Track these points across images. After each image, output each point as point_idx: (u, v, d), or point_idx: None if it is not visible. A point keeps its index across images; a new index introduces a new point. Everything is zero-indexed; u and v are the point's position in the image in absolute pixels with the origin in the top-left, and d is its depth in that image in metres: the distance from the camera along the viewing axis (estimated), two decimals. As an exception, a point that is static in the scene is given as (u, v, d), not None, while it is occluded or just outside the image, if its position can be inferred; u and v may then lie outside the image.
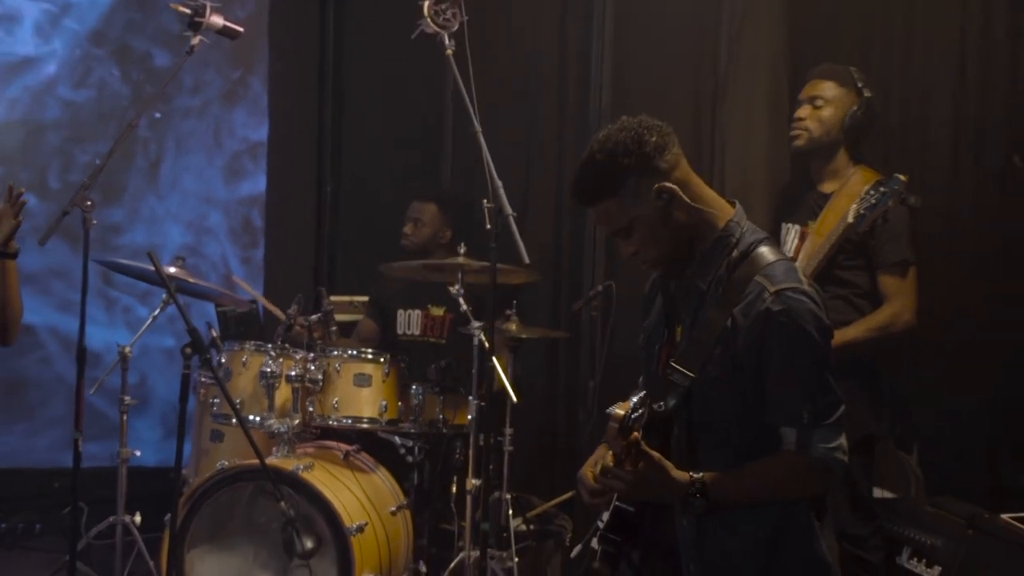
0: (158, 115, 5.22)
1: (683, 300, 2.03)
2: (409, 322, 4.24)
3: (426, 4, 3.37)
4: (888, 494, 3.59)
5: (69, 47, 5.14)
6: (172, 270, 3.68)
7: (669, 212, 1.93)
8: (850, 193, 3.16)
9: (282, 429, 3.45)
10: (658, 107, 3.95)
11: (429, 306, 4.13)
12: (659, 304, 2.11)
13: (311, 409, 3.56)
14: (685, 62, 4.02)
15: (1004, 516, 3.01)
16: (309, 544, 3.25)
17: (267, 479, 3.16)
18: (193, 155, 5.38)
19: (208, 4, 3.46)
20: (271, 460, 3.30)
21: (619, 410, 1.97)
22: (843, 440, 1.90)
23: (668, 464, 1.84)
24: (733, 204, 2.03)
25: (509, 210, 3.20)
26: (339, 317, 4.21)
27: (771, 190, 3.67)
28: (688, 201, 1.93)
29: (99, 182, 3.96)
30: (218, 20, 3.48)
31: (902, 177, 2.97)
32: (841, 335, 2.92)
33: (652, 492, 1.88)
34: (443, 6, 3.40)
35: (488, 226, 3.22)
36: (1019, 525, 2.96)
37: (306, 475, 3.27)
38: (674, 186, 1.91)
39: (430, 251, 4.18)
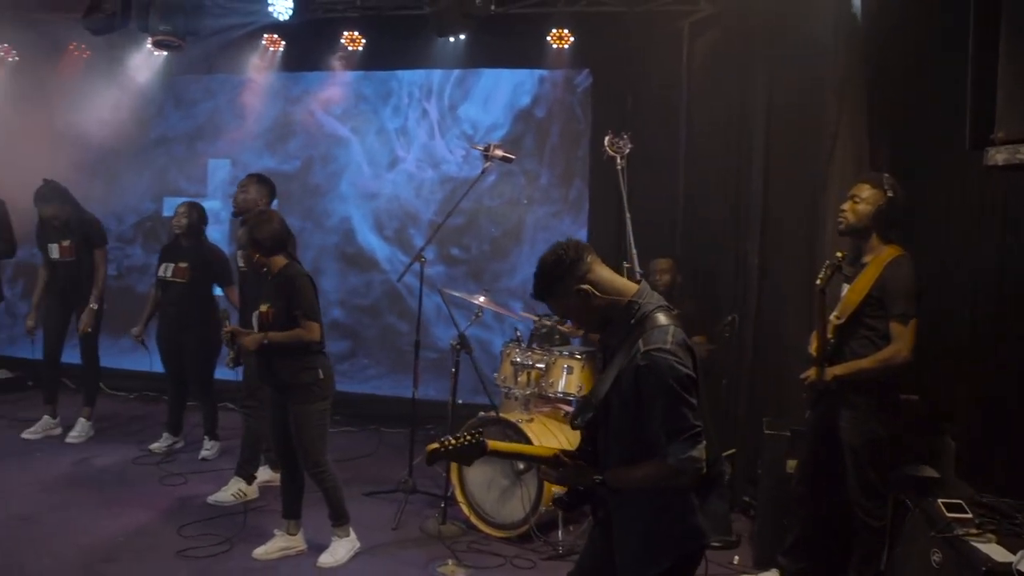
0: (525, 201, 7.87)
1: (606, 351, 2.84)
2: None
3: (607, 139, 5.40)
4: (932, 473, 4.49)
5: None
6: (482, 298, 5.95)
7: (587, 302, 2.72)
8: (878, 262, 4.13)
9: (520, 395, 5.64)
10: (794, 194, 5.65)
11: None
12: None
13: (543, 384, 5.61)
14: (805, 168, 5.53)
15: (940, 500, 3.81)
16: (521, 466, 5.17)
17: (499, 424, 5.31)
18: (552, 236, 7.77)
19: (491, 143, 5.79)
20: (509, 414, 5.40)
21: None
22: (694, 452, 2.54)
23: (580, 464, 2.77)
24: (639, 282, 2.83)
25: (638, 268, 5.13)
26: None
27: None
28: (598, 294, 2.72)
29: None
30: (499, 152, 5.78)
31: (839, 254, 4.10)
32: (856, 364, 4.15)
33: (572, 482, 2.81)
34: (616, 139, 5.38)
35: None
36: (942, 509, 3.73)
37: (523, 424, 5.21)
38: (587, 286, 2.71)
39: (672, 291, 6.20)
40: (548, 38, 7.31)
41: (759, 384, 5.76)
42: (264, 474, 5.92)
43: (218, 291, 6.68)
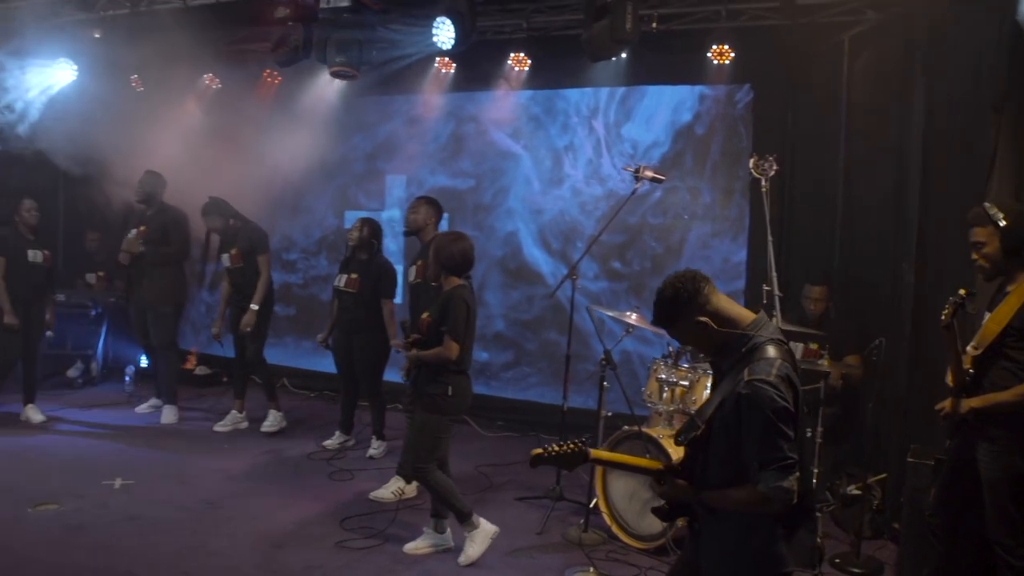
0: (686, 216, 7.91)
1: (716, 375, 3.02)
2: (796, 350, 6.17)
3: (751, 161, 5.45)
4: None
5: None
6: (633, 316, 6.13)
7: (705, 331, 2.86)
8: (1020, 292, 4.01)
9: (663, 411, 5.76)
10: (952, 213, 5.47)
11: (809, 343, 6.02)
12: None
13: (686, 401, 5.67)
14: (964, 187, 5.28)
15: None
16: (661, 478, 5.41)
17: (642, 439, 5.44)
18: (712, 254, 7.83)
19: (641, 165, 5.95)
20: (652, 429, 5.53)
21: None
22: (784, 482, 2.64)
23: (682, 483, 2.91)
24: (757, 312, 2.96)
25: (777, 291, 5.15)
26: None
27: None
28: (715, 327, 2.85)
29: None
30: (649, 172, 5.94)
31: (961, 291, 3.98)
32: (994, 397, 4.00)
33: (674, 497, 2.97)
34: (762, 161, 5.43)
35: (764, 301, 5.24)
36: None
37: (663, 440, 5.30)
38: (706, 319, 2.84)
39: (828, 315, 6.18)
40: (709, 54, 7.33)
41: (912, 408, 5.60)
42: (423, 474, 6.31)
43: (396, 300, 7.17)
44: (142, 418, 7.94)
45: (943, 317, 4.02)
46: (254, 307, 7.40)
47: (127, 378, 8.67)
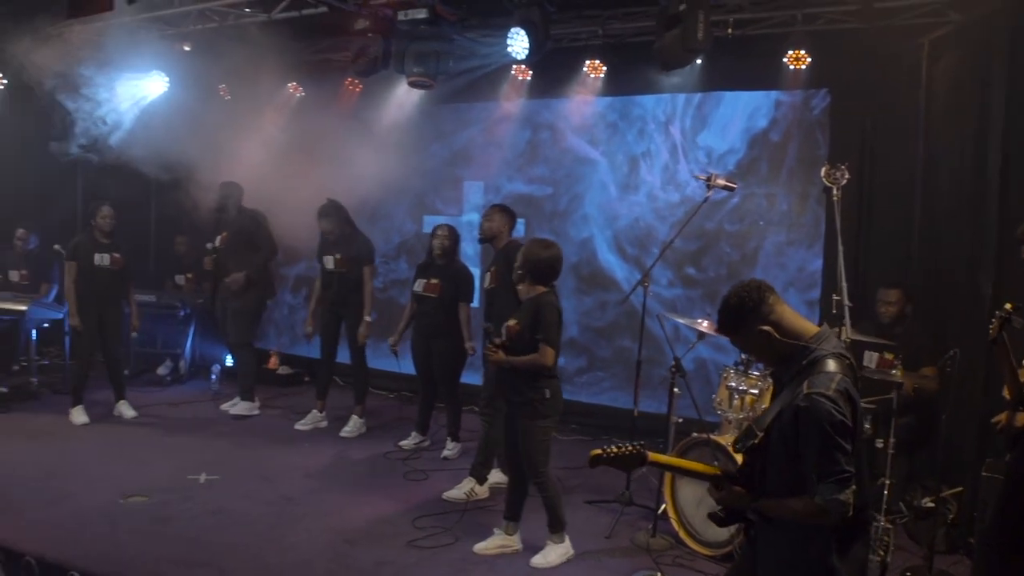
0: (762, 223, 7.84)
1: (776, 385, 3.09)
2: (871, 360, 6.14)
3: (823, 170, 5.43)
4: None
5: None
6: (704, 323, 6.16)
7: (768, 341, 2.90)
8: None
9: (732, 418, 5.76)
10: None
11: (884, 352, 5.99)
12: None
13: (756, 409, 5.67)
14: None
15: None
16: (730, 484, 5.40)
17: (711, 446, 5.47)
18: (787, 262, 7.81)
19: (713, 173, 5.97)
20: (722, 437, 5.53)
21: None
22: (841, 495, 2.67)
23: (739, 490, 2.96)
24: (820, 326, 2.98)
25: (847, 301, 5.12)
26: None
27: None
28: (778, 337, 2.89)
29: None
30: (720, 180, 5.95)
31: (1007, 306, 3.94)
32: None
33: (730, 504, 3.01)
34: (833, 170, 5.39)
35: (834, 311, 5.21)
36: None
37: (731, 448, 5.37)
38: (769, 328, 2.88)
39: (901, 320, 6.12)
40: (785, 59, 7.27)
41: (988, 421, 5.47)
42: (496, 476, 6.42)
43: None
44: (227, 415, 8.24)
45: (990, 331, 4.01)
46: (368, 319, 7.71)
47: (213, 376, 9.02)
